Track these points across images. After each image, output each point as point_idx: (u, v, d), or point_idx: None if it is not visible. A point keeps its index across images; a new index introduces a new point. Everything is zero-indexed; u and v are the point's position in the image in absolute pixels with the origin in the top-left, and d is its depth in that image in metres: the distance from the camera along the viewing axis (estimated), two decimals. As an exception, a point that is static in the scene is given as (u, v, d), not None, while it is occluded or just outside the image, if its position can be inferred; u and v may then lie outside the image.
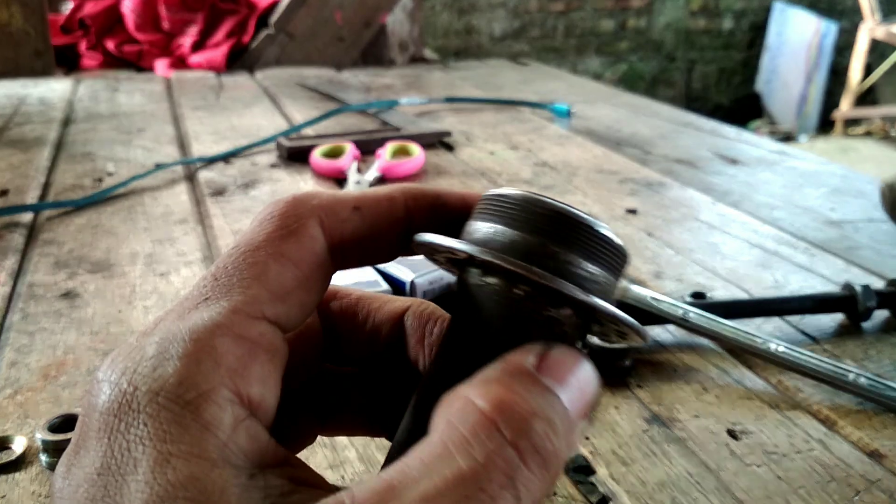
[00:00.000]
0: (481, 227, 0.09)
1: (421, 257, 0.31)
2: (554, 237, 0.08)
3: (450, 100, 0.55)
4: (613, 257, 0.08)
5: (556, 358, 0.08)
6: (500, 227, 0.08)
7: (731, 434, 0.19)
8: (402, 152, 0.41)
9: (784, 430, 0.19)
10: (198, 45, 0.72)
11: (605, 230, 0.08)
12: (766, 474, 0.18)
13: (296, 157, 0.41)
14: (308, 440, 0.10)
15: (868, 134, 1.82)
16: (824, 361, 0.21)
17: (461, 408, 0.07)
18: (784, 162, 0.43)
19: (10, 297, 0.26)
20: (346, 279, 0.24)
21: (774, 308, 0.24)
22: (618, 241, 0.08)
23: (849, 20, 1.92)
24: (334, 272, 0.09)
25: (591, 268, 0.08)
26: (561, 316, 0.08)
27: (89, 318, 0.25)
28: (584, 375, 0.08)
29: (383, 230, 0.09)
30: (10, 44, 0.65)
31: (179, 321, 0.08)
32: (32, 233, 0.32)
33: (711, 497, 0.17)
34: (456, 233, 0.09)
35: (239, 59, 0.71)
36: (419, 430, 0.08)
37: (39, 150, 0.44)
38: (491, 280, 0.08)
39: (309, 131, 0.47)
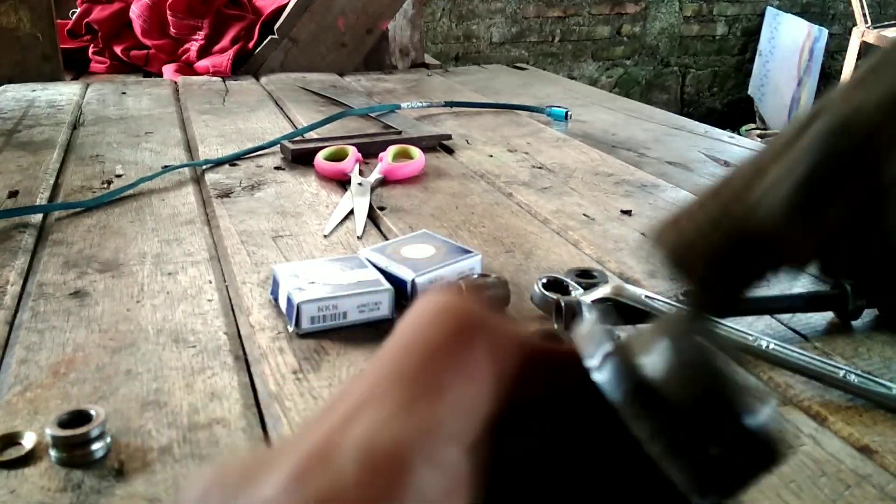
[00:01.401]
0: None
1: (421, 255, 0.32)
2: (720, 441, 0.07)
3: (450, 104, 0.55)
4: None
5: None
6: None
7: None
8: (403, 155, 0.41)
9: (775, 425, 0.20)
10: (204, 51, 0.73)
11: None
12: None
13: (300, 159, 0.42)
14: None
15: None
16: (815, 359, 0.21)
17: None
18: (777, 166, 0.44)
19: (21, 296, 0.27)
20: (347, 278, 0.25)
21: (765, 306, 0.25)
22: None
23: (840, 25, 1.95)
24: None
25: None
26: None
27: (98, 317, 0.25)
28: None
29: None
30: (18, 48, 0.66)
31: (370, 434, 0.06)
32: (42, 233, 0.32)
33: (705, 489, 0.17)
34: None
35: (244, 65, 0.72)
36: None
37: (48, 152, 0.45)
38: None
39: (313, 135, 0.48)
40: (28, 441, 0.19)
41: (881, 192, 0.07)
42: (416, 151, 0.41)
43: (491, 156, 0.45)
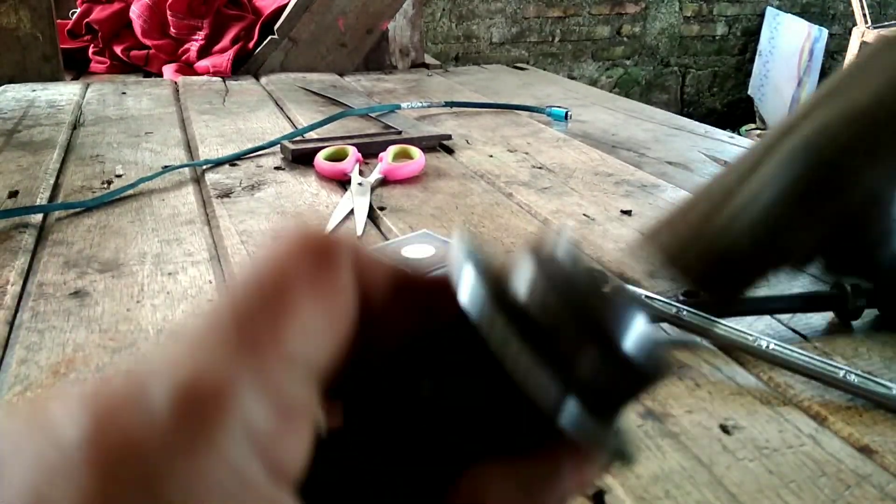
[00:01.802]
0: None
1: (422, 255, 0.31)
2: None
3: (450, 104, 0.55)
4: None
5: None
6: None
7: (724, 429, 0.19)
8: (403, 155, 0.41)
9: (775, 425, 0.20)
10: (204, 51, 0.73)
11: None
12: (758, 468, 0.18)
13: (300, 159, 0.42)
14: None
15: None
16: (814, 359, 0.21)
17: None
18: (777, 166, 0.44)
19: (21, 296, 0.27)
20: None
21: (765, 306, 0.25)
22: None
23: (840, 25, 1.95)
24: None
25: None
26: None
27: (98, 317, 0.25)
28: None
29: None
30: (18, 48, 0.66)
31: (188, 366, 0.06)
32: (42, 233, 0.32)
33: (704, 490, 0.17)
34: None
35: (244, 65, 0.72)
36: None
37: (49, 152, 0.45)
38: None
39: (313, 135, 0.47)
40: (28, 441, 0.19)
41: (848, 214, 0.06)
42: (416, 151, 0.41)
43: (491, 156, 0.45)
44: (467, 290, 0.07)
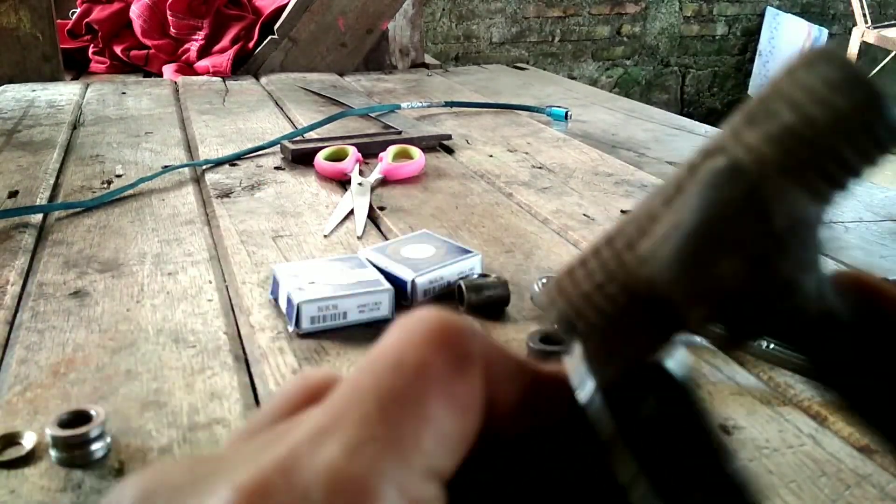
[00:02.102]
0: None
1: (421, 255, 0.32)
2: None
3: (450, 104, 0.56)
4: None
5: None
6: None
7: (724, 429, 0.19)
8: (403, 155, 0.41)
9: (775, 425, 0.20)
10: (204, 51, 0.73)
11: None
12: (758, 468, 0.18)
13: (300, 159, 0.42)
14: None
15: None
16: (814, 358, 0.21)
17: None
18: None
19: (21, 296, 0.27)
20: (347, 279, 0.25)
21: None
22: None
23: (840, 25, 1.96)
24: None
25: None
26: None
27: (98, 317, 0.25)
28: None
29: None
30: (18, 48, 0.66)
31: (341, 457, 0.06)
32: (42, 233, 0.33)
33: (705, 489, 0.17)
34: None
35: (244, 65, 0.72)
36: None
37: (49, 152, 0.45)
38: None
39: (313, 135, 0.48)
40: (28, 441, 0.19)
41: (774, 239, 0.06)
42: (416, 151, 0.42)
43: (491, 156, 0.45)
44: (587, 395, 0.07)
